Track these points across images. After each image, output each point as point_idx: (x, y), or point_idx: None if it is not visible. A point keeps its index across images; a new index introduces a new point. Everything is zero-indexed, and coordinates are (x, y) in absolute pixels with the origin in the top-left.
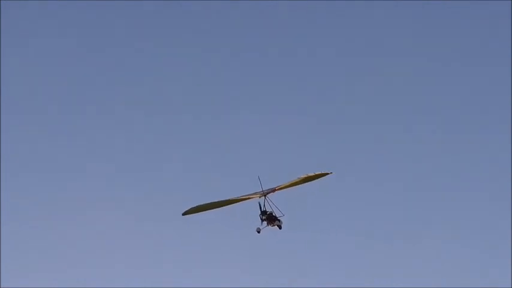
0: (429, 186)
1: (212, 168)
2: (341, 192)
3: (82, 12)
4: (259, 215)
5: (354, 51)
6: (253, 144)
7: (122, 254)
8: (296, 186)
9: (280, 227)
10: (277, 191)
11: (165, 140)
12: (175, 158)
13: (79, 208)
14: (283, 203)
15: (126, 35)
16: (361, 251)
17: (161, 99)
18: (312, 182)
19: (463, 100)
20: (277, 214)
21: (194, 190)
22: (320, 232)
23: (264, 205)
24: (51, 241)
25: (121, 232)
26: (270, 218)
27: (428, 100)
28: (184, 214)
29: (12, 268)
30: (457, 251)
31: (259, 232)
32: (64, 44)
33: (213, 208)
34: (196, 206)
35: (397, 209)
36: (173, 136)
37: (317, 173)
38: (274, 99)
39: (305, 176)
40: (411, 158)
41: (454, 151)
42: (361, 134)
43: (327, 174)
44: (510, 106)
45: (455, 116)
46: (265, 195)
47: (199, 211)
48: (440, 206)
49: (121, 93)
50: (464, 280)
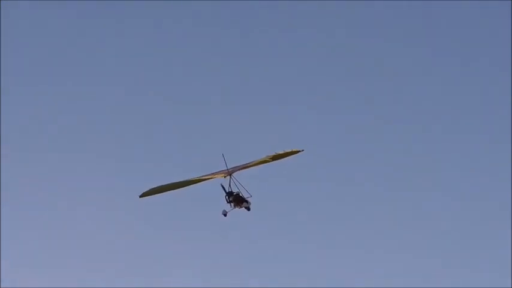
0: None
1: (173, 146)
2: (312, 171)
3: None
4: (224, 197)
5: (348, 46)
6: (217, 121)
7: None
8: (264, 164)
9: (248, 209)
10: (243, 170)
11: (122, 117)
12: (132, 137)
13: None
14: (250, 184)
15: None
16: (332, 235)
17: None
18: (282, 161)
19: (463, 100)
20: (244, 195)
21: (153, 170)
22: (290, 214)
23: (230, 185)
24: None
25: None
26: (237, 199)
27: (428, 100)
28: (142, 196)
29: (12, 268)
30: (457, 251)
31: (225, 215)
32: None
33: (173, 189)
34: (155, 187)
35: (372, 192)
36: (129, 111)
37: (287, 151)
38: (241, 73)
39: (274, 154)
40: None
41: (454, 150)
42: (338, 115)
43: (298, 151)
44: (510, 106)
45: (455, 116)
46: (230, 174)
47: (158, 192)
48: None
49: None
50: (464, 280)
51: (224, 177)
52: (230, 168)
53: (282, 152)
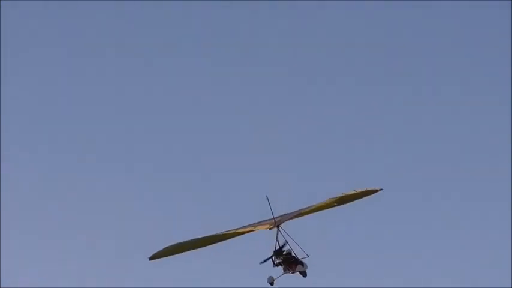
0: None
1: (196, 190)
2: (392, 218)
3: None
4: (271, 257)
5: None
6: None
7: None
8: (326, 210)
9: (304, 274)
10: (296, 219)
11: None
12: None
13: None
14: (306, 239)
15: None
16: None
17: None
18: (352, 205)
19: (463, 99)
20: (297, 254)
21: (167, 223)
22: (359, 278)
23: (278, 241)
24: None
25: None
26: (289, 261)
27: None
28: (152, 258)
29: (12, 268)
30: (457, 251)
31: (272, 284)
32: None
33: (196, 248)
34: (170, 246)
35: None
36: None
37: (359, 190)
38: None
39: (342, 195)
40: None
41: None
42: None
43: (375, 191)
44: (510, 106)
45: (453, 116)
46: (278, 224)
47: (174, 253)
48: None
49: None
50: (464, 280)
51: (269, 228)
52: (278, 216)
53: (353, 193)
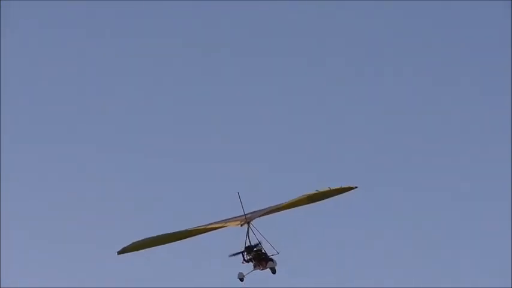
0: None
1: (167, 187)
2: (366, 216)
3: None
4: (241, 252)
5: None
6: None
7: None
8: (297, 207)
9: (274, 271)
10: (266, 216)
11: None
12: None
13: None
14: (276, 236)
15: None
16: None
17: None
18: (324, 203)
19: (463, 98)
20: (267, 251)
21: (137, 217)
22: (330, 275)
23: (248, 237)
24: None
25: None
26: (259, 258)
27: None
28: (120, 253)
29: (12, 268)
30: (457, 251)
31: (242, 280)
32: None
33: (165, 243)
34: (139, 241)
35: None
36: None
37: (334, 188)
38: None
39: (315, 192)
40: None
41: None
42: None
43: (351, 189)
44: (510, 106)
45: (454, 117)
46: (248, 221)
47: (143, 248)
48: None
49: None
50: (464, 280)
51: (241, 225)
52: (248, 213)
53: (327, 190)
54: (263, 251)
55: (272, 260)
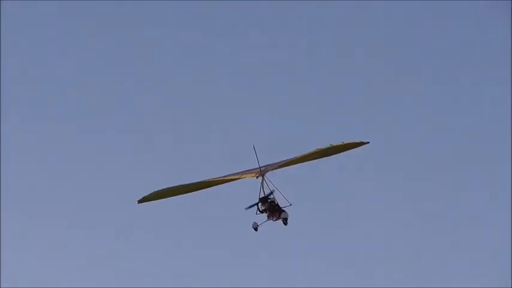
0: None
1: (184, 137)
2: (378, 172)
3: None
4: (256, 204)
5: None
6: (246, 106)
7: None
8: (310, 162)
9: (285, 222)
10: (280, 169)
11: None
12: (130, 123)
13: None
14: (287, 188)
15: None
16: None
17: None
18: (336, 157)
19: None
20: (280, 203)
21: (157, 168)
22: (339, 228)
23: (263, 189)
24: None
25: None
26: (272, 209)
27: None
28: (141, 201)
29: (12, 268)
30: (457, 250)
31: (256, 229)
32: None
33: (185, 193)
34: (159, 191)
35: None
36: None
37: (347, 142)
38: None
39: (328, 147)
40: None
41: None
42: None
43: (362, 144)
44: (510, 106)
45: (453, 117)
46: (263, 174)
47: (163, 197)
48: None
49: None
50: (464, 280)
51: (256, 177)
52: (263, 166)
53: (340, 144)
54: (276, 203)
55: (284, 211)
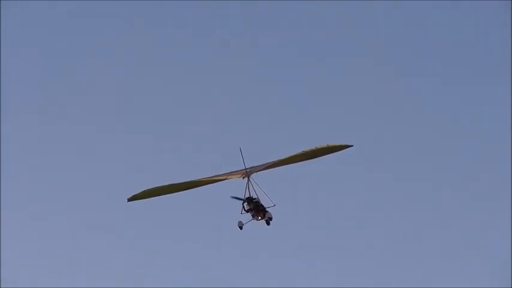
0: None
1: (175, 140)
2: (360, 175)
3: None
4: (242, 203)
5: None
6: (234, 110)
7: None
8: (294, 164)
9: (268, 222)
10: (265, 171)
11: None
12: (120, 124)
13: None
14: (273, 189)
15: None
16: (370, 253)
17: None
18: (319, 160)
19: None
20: (264, 203)
21: (147, 168)
22: (322, 229)
23: (248, 190)
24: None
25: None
26: (257, 208)
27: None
28: (130, 200)
29: (12, 268)
30: (457, 250)
31: (241, 228)
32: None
33: (173, 192)
34: (149, 189)
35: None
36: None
37: (331, 145)
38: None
39: (312, 149)
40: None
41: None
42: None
43: (346, 147)
44: (510, 106)
45: (452, 117)
46: (248, 175)
47: (152, 196)
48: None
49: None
50: (464, 280)
51: (242, 178)
52: (249, 167)
53: (324, 147)
54: (261, 203)
55: (268, 212)
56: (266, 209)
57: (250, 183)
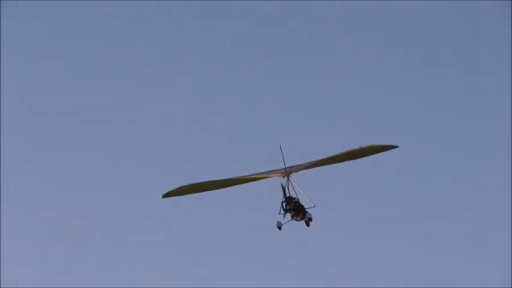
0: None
1: (212, 134)
2: (405, 177)
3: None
4: (281, 203)
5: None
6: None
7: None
8: (336, 164)
9: (308, 224)
10: (306, 170)
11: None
12: (156, 118)
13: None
14: (311, 188)
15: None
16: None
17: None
18: (362, 161)
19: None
20: (304, 204)
21: (183, 165)
22: (365, 232)
23: (288, 189)
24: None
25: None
26: (297, 209)
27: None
28: (165, 196)
29: (12, 268)
30: (457, 250)
31: (280, 228)
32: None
33: (210, 189)
34: (185, 186)
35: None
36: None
37: (375, 146)
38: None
39: (354, 150)
40: None
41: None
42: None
43: (391, 148)
44: (510, 107)
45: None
46: (288, 174)
47: (188, 193)
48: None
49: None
50: (464, 280)
51: (283, 177)
52: (289, 166)
53: (367, 147)
54: (300, 203)
55: (308, 212)
56: (306, 210)
57: (290, 182)
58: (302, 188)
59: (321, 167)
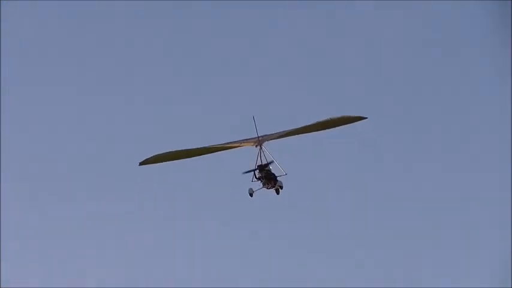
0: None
1: (188, 104)
2: (373, 147)
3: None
4: (253, 170)
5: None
6: (249, 77)
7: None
8: (308, 134)
9: (278, 191)
10: (278, 139)
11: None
12: (133, 87)
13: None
14: (281, 157)
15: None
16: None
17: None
18: (332, 131)
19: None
20: (275, 172)
21: (159, 133)
22: (331, 199)
23: (260, 158)
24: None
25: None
26: (268, 177)
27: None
28: (142, 163)
29: (12, 268)
30: (457, 250)
31: (251, 195)
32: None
33: (185, 157)
34: (160, 154)
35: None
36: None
37: (347, 116)
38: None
39: (326, 120)
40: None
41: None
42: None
43: (361, 119)
44: (510, 107)
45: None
46: (261, 143)
47: (164, 160)
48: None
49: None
50: (464, 280)
51: (255, 146)
52: (262, 135)
53: (338, 118)
54: (272, 172)
55: (279, 181)
56: (277, 178)
57: (262, 151)
58: (274, 157)
59: (293, 137)
